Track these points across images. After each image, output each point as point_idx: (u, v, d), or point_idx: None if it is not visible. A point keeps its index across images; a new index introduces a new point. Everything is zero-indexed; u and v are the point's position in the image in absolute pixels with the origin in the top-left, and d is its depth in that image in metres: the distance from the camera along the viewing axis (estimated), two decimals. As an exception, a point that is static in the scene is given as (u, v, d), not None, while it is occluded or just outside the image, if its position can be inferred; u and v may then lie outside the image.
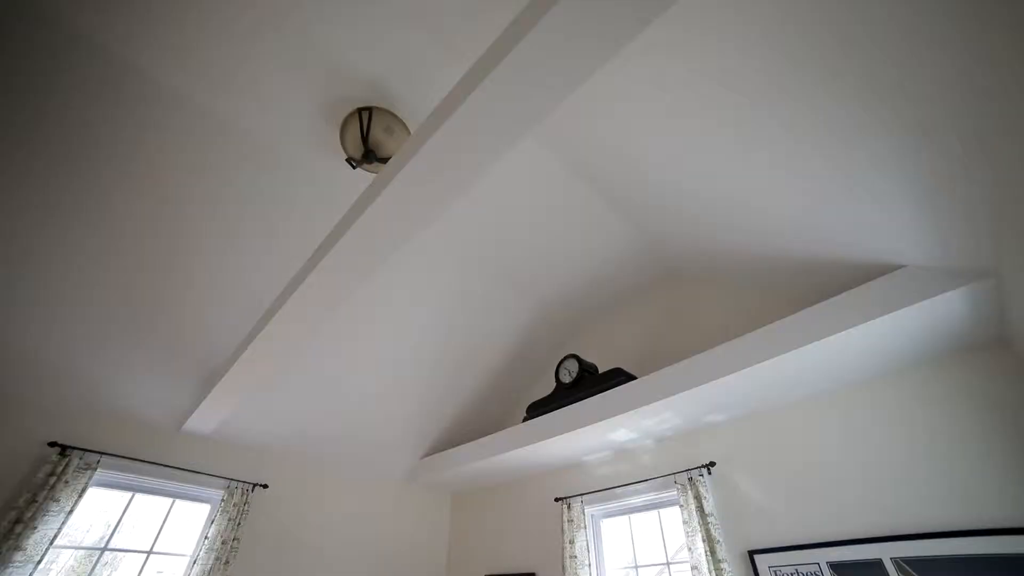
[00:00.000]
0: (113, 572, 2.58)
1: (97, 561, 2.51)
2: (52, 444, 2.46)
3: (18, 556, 2.17)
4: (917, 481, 2.01)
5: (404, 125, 2.21)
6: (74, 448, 2.49)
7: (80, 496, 2.42)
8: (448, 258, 3.05)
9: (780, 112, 1.70)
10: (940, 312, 1.85)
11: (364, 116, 2.15)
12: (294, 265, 2.63)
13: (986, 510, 1.82)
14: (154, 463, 2.77)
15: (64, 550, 2.48)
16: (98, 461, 2.54)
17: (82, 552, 2.54)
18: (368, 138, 2.15)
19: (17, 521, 2.21)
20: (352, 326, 3.02)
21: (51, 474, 2.37)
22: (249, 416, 3.08)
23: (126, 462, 2.69)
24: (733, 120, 1.83)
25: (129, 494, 2.72)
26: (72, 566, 2.50)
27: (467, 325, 3.43)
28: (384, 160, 2.20)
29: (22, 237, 2.18)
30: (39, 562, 2.22)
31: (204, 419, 2.83)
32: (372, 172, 2.33)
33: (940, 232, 1.73)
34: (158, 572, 2.68)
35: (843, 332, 1.93)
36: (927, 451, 2.04)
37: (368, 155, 2.18)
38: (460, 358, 3.57)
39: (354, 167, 2.26)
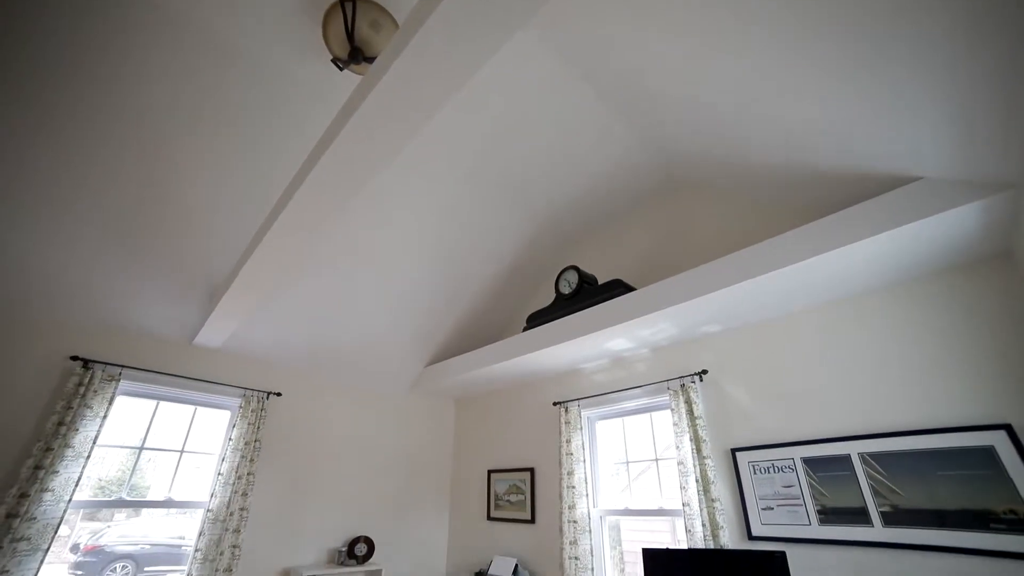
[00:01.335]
0: (154, 467, 2.93)
1: (138, 458, 2.84)
2: (74, 358, 2.66)
3: (69, 452, 2.50)
4: (887, 387, 2.20)
5: (392, 19, 2.04)
6: (95, 362, 2.70)
7: (110, 404, 2.68)
8: (446, 169, 2.99)
9: (795, 5, 1.56)
10: (950, 225, 1.86)
11: (348, 9, 1.97)
12: (290, 176, 2.60)
13: (943, 412, 2.03)
14: (172, 375, 3.01)
15: (108, 449, 2.78)
16: (120, 373, 2.76)
17: (124, 454, 2.85)
18: (353, 35, 2.00)
19: (60, 423, 2.51)
20: (352, 240, 3.07)
21: (79, 384, 2.60)
22: (258, 330, 3.26)
23: (146, 374, 2.92)
24: (745, 19, 1.68)
25: (154, 403, 3.00)
26: (118, 465, 2.83)
27: (467, 237, 3.47)
28: (372, 60, 2.06)
29: (25, 163, 2.19)
30: (88, 457, 2.54)
31: (213, 333, 3.00)
32: (360, 74, 2.20)
33: (967, 142, 1.67)
34: (196, 467, 3.04)
35: (852, 245, 1.96)
36: (900, 361, 2.20)
37: (355, 54, 2.05)
38: (461, 270, 3.66)
39: (341, 68, 2.13)
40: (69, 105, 2.11)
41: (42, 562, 2.31)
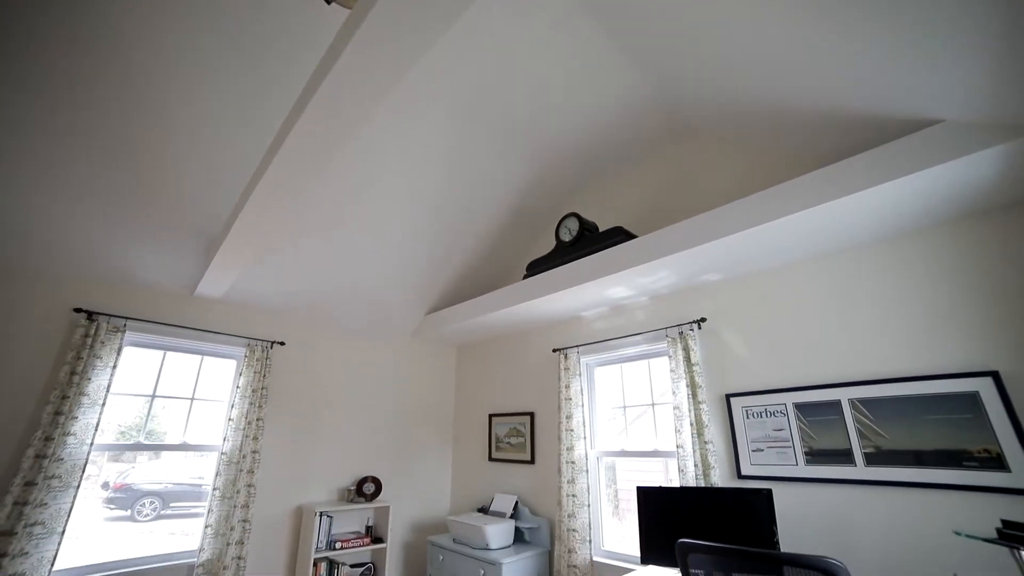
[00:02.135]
0: (168, 414, 3.13)
1: (151, 406, 3.03)
2: (78, 310, 2.78)
3: (85, 400, 2.69)
4: (882, 336, 2.26)
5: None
6: (99, 314, 2.82)
7: (118, 354, 2.83)
8: (443, 112, 2.91)
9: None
10: (967, 172, 1.81)
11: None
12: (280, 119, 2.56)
13: (935, 359, 2.09)
14: (177, 326, 3.14)
15: (122, 397, 2.98)
16: (124, 325, 2.89)
17: (139, 401, 3.04)
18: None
19: (72, 373, 2.67)
20: (348, 190, 3.06)
21: (86, 335, 2.73)
22: (259, 280, 3.35)
23: (151, 325, 3.05)
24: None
25: (161, 353, 3.15)
26: (135, 412, 3.03)
27: (465, 183, 3.44)
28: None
29: (16, 117, 2.18)
30: (103, 404, 2.73)
31: (213, 284, 3.09)
32: (348, 8, 2.10)
33: (997, 80, 1.59)
34: (207, 413, 3.24)
35: (862, 192, 1.93)
36: (896, 310, 2.24)
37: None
38: (460, 217, 3.66)
39: (329, 2, 2.03)
40: (64, 61, 2.08)
41: (75, 497, 2.55)
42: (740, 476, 2.55)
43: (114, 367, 2.80)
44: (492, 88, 2.81)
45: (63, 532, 2.48)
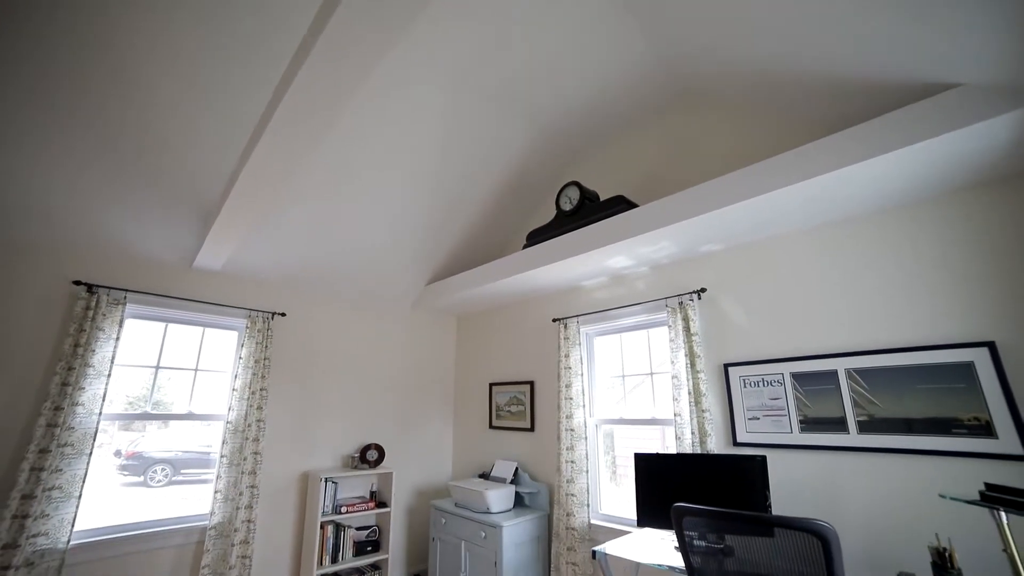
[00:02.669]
0: (173, 385, 3.23)
1: (156, 377, 3.13)
2: (77, 283, 2.83)
3: (90, 371, 2.78)
4: (881, 307, 2.28)
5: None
6: (99, 286, 2.87)
7: (120, 326, 2.90)
8: (441, 77, 2.85)
9: None
10: (980, 139, 1.78)
11: None
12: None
13: (933, 330, 2.12)
14: (177, 298, 3.20)
15: (128, 368, 3.08)
16: (125, 297, 2.94)
17: (145, 372, 3.12)
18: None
19: (76, 345, 2.74)
20: (345, 158, 3.04)
21: (87, 308, 2.79)
22: (258, 252, 3.38)
23: (151, 298, 3.11)
24: None
25: (163, 325, 3.22)
26: (142, 383, 3.12)
27: (464, 151, 3.40)
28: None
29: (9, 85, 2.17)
30: (109, 375, 2.81)
31: (211, 256, 3.12)
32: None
33: (1019, 42, 1.55)
34: (211, 384, 3.34)
35: (873, 159, 1.90)
36: (896, 281, 2.26)
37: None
38: (458, 186, 3.65)
39: None
40: (64, 35, 2.06)
41: (88, 464, 2.67)
42: (736, 443, 2.64)
43: (117, 339, 2.88)
44: (491, 52, 2.75)
45: (80, 496, 2.62)
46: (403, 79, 2.77)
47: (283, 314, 3.65)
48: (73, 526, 2.58)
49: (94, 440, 2.71)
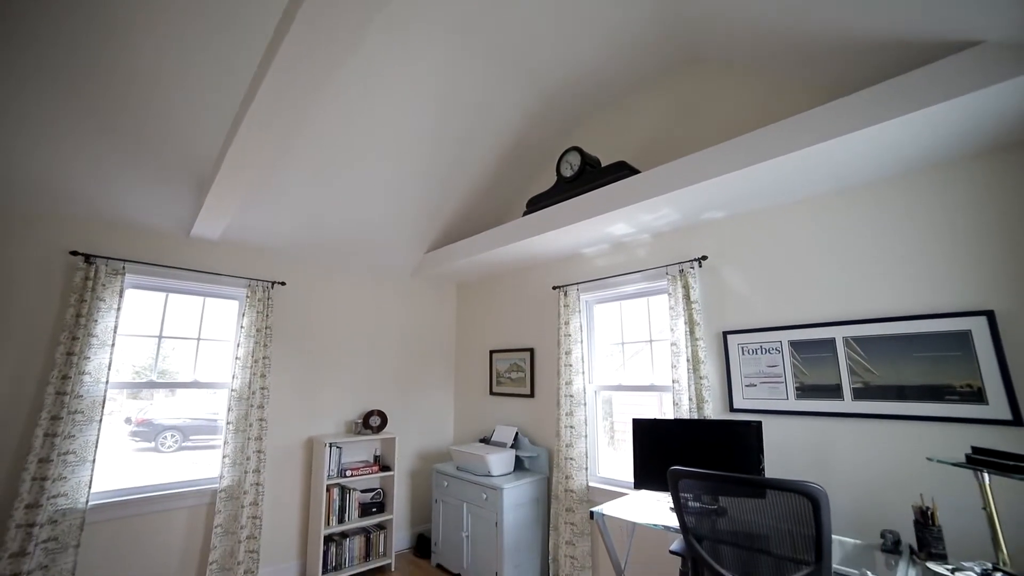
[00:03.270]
0: (177, 354, 3.30)
1: (159, 346, 3.20)
2: (74, 253, 2.86)
3: (94, 341, 2.84)
4: (882, 276, 2.30)
5: None
6: (97, 256, 2.90)
7: (121, 296, 2.94)
8: (438, 40, 2.78)
9: None
10: (996, 100, 1.72)
11: None
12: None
13: (933, 299, 2.15)
14: (175, 267, 3.22)
15: (131, 338, 3.16)
16: (123, 267, 2.97)
17: (149, 342, 3.19)
18: None
19: (78, 315, 2.79)
20: (340, 125, 3.00)
21: (86, 278, 2.83)
22: (255, 221, 3.39)
23: (150, 267, 3.15)
24: None
25: (163, 295, 3.26)
26: (147, 353, 3.19)
27: (463, 116, 3.35)
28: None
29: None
30: (112, 345, 2.88)
31: (208, 225, 3.13)
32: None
33: None
34: (214, 352, 3.41)
35: (881, 124, 1.86)
36: (897, 250, 2.26)
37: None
38: (458, 152, 3.61)
39: None
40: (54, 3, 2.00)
41: (99, 430, 2.78)
42: (732, 409, 2.71)
43: (118, 309, 2.93)
44: (489, 13, 2.67)
45: (94, 460, 2.74)
46: (399, 40, 2.70)
47: (283, 283, 3.69)
48: (90, 488, 2.72)
49: (103, 408, 2.80)
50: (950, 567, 1.70)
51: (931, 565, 1.74)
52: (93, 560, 2.79)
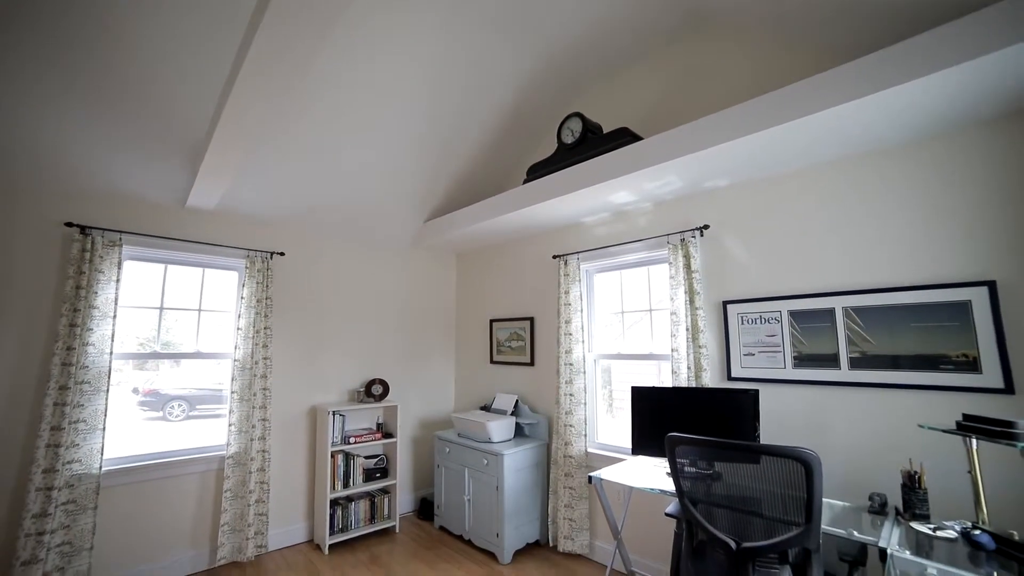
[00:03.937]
0: (180, 325, 3.35)
1: (160, 317, 3.24)
2: (69, 224, 2.85)
3: (96, 313, 2.87)
4: (883, 246, 2.30)
5: None
6: (92, 228, 2.90)
7: (119, 268, 2.97)
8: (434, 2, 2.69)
9: None
10: (1008, 63, 1.67)
11: None
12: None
13: (928, 270, 2.17)
14: (172, 239, 3.23)
15: (133, 309, 3.20)
16: (120, 239, 2.98)
17: (151, 313, 3.23)
18: None
19: (78, 287, 2.82)
20: (334, 92, 2.94)
21: (83, 250, 2.85)
22: (252, 191, 3.37)
23: (147, 239, 3.16)
24: None
25: (162, 266, 3.28)
26: (150, 324, 3.24)
27: (461, 82, 3.27)
28: None
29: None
30: (114, 316, 2.93)
31: (204, 195, 3.11)
32: None
33: None
34: (216, 323, 3.45)
35: (900, 86, 1.80)
36: (900, 220, 2.26)
37: None
38: (456, 119, 3.55)
39: None
40: None
41: (107, 400, 2.86)
42: (730, 378, 2.77)
43: (117, 280, 2.95)
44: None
45: (104, 429, 2.83)
46: (396, 1, 2.62)
47: (282, 253, 3.69)
48: (103, 454, 2.82)
49: (109, 378, 2.87)
50: (932, 526, 1.79)
51: (914, 524, 1.82)
52: (111, 521, 2.94)
